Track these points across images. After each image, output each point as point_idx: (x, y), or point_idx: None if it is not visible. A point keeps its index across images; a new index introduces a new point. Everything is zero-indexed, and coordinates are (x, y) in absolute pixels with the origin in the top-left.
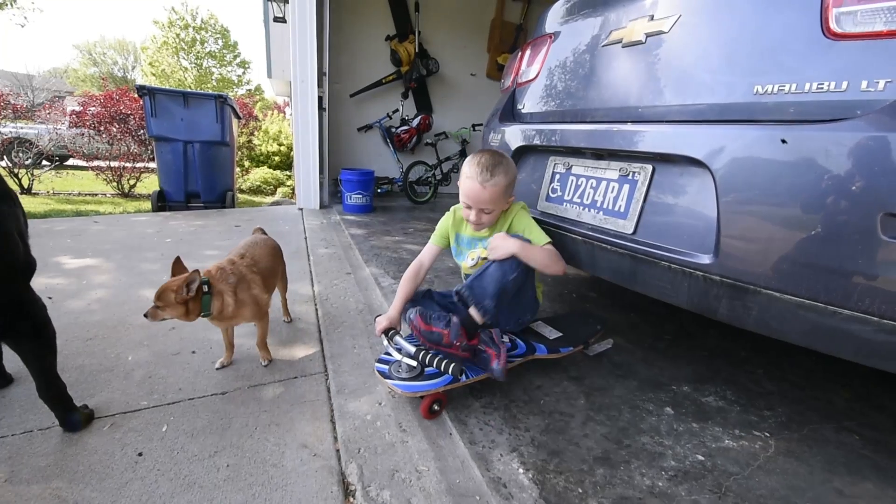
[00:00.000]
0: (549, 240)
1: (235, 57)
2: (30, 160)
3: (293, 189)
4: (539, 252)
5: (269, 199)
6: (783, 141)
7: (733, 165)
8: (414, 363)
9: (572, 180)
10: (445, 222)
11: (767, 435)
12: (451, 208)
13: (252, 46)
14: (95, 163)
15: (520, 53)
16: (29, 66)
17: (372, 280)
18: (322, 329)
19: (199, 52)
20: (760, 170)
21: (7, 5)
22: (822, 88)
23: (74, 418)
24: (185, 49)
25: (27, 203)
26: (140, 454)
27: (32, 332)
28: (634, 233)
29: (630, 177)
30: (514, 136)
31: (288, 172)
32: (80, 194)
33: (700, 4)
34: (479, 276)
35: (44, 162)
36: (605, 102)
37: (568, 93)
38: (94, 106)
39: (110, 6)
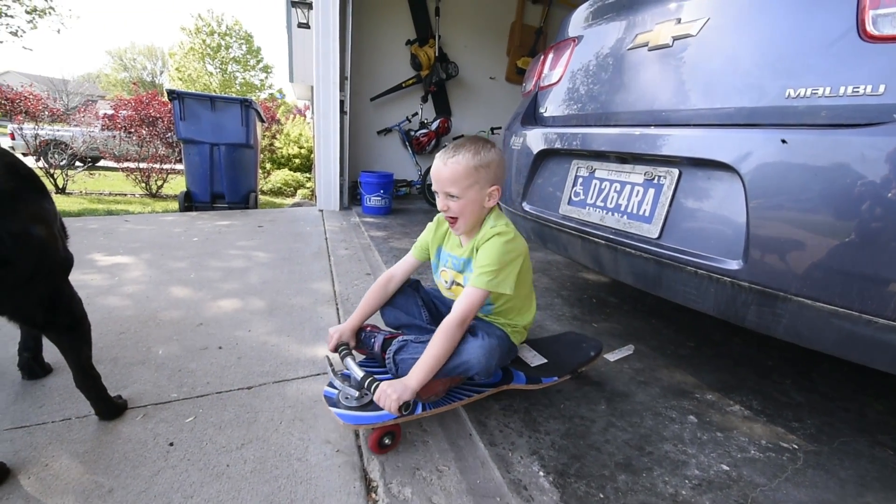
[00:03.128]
0: (488, 280)
1: (258, 62)
2: (64, 161)
3: (312, 191)
4: (442, 344)
5: (289, 201)
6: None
7: (764, 170)
8: (357, 392)
9: (595, 184)
10: (426, 234)
11: (796, 447)
12: (436, 217)
13: (274, 51)
14: (125, 164)
15: (542, 57)
16: (64, 71)
17: None
18: None
19: (223, 58)
20: (792, 174)
21: (48, 13)
22: (857, 92)
23: (108, 407)
24: (210, 54)
25: (63, 202)
26: (171, 444)
27: (71, 324)
28: (659, 237)
29: (655, 181)
30: (535, 139)
31: (307, 174)
32: (110, 194)
33: (729, 7)
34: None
35: (77, 163)
36: (631, 106)
37: (591, 96)
38: (125, 109)
39: (140, 14)
